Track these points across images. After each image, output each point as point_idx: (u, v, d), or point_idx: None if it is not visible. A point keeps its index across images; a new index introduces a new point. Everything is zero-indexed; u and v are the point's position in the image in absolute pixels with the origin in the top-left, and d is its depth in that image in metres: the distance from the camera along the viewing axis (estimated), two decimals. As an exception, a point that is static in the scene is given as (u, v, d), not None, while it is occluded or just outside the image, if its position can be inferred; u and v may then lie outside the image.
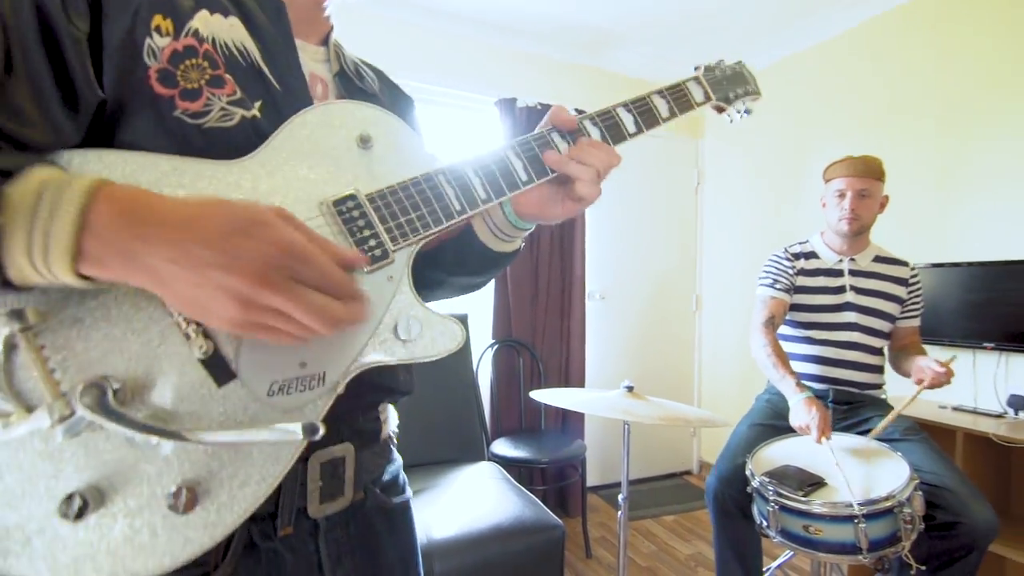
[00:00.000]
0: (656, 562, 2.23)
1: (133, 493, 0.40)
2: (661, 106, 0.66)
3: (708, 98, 0.72)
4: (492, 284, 2.62)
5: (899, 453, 1.36)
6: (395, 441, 0.66)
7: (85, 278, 0.36)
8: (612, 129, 0.63)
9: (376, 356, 0.48)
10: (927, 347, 2.01)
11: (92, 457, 0.39)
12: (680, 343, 3.23)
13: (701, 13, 2.49)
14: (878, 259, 1.73)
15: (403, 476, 0.66)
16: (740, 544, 1.51)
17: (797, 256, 1.77)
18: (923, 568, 1.37)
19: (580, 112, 0.64)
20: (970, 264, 1.97)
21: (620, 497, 1.53)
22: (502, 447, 2.21)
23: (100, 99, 0.42)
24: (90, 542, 0.39)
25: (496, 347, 2.54)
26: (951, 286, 2.01)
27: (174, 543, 0.40)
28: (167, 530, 0.40)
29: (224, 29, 0.48)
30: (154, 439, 0.39)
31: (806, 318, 1.73)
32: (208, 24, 0.47)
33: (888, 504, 1.20)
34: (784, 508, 1.28)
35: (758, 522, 1.36)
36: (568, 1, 2.38)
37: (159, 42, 0.44)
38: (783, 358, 1.61)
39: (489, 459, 2.12)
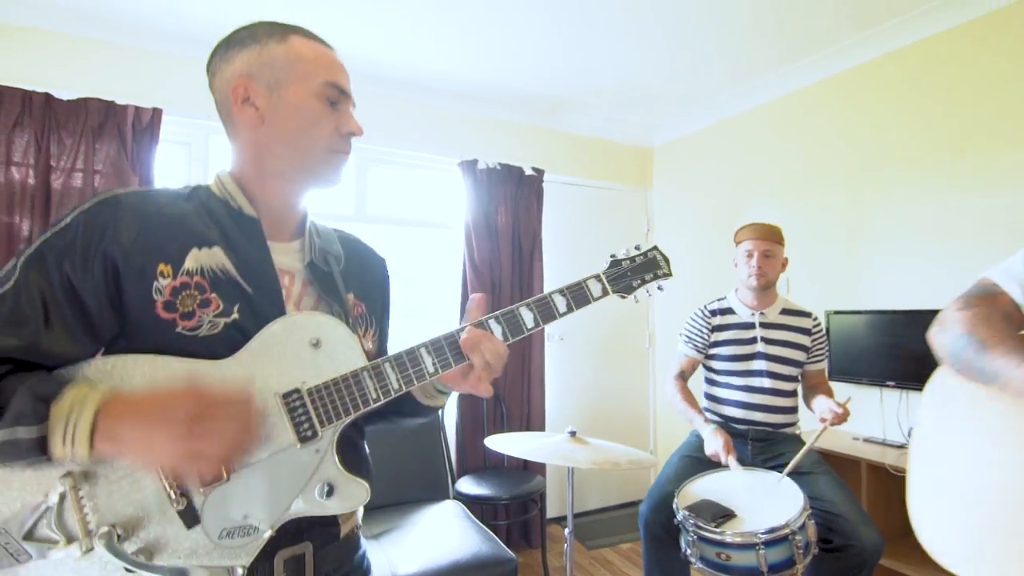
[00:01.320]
0: (610, 589, 2.41)
1: None
2: (560, 303, 0.78)
3: (606, 292, 0.82)
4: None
5: (797, 486, 1.59)
6: (360, 531, 0.83)
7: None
8: (512, 325, 0.76)
9: (300, 509, 0.66)
10: (843, 384, 2.29)
11: (102, 571, 0.59)
12: (635, 378, 3.47)
13: (641, 83, 2.80)
14: (785, 311, 2.00)
15: (368, 560, 0.84)
16: (668, 566, 1.71)
17: (714, 313, 2.03)
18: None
19: (538, 171, 0.84)
20: (874, 312, 2.25)
21: (566, 531, 1.72)
22: (466, 485, 2.38)
23: (115, 332, 0.65)
24: None
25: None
26: (860, 331, 2.29)
27: None
28: None
29: (207, 257, 0.68)
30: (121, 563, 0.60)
31: (725, 367, 1.98)
32: (196, 258, 0.67)
33: (783, 532, 1.42)
34: (701, 538, 1.49)
35: (683, 550, 1.57)
36: (525, 73, 2.65)
37: (162, 283, 0.64)
38: (691, 400, 1.90)
39: (454, 497, 2.29)
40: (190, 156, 2.37)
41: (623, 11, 2.10)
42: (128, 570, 0.59)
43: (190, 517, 0.61)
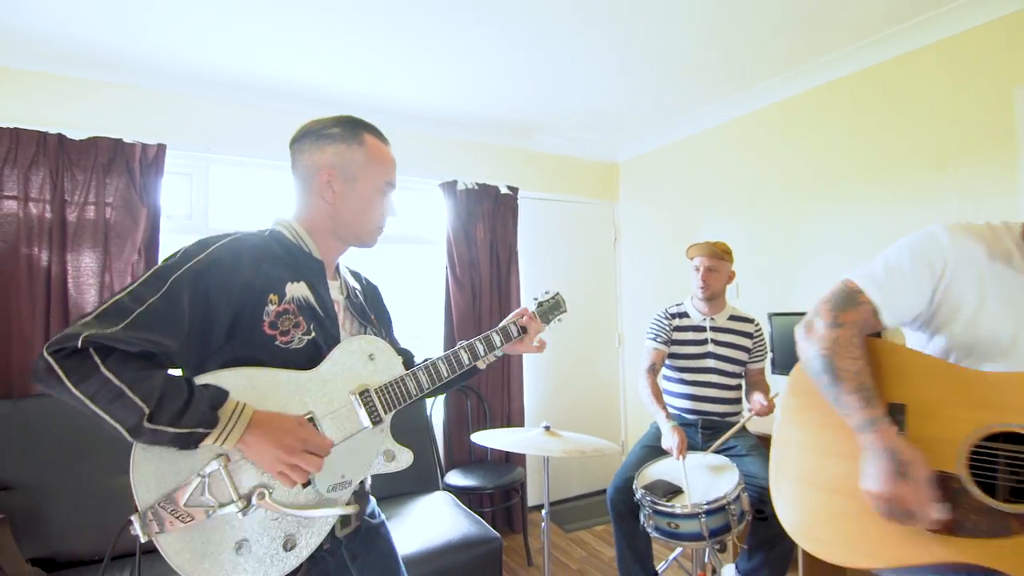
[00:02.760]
0: (585, 565, 2.70)
1: (266, 540, 0.86)
2: (513, 331, 1.27)
3: (519, 333, 1.29)
4: (441, 333, 3.07)
5: (735, 466, 1.89)
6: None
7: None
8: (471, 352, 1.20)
9: (374, 469, 1.01)
10: (783, 377, 2.61)
11: (251, 524, 0.85)
12: (606, 374, 3.77)
13: (604, 109, 3.08)
14: (732, 318, 2.30)
15: (377, 508, 1.13)
16: (631, 538, 2.00)
17: (673, 316, 2.33)
18: (745, 547, 1.91)
19: (513, 189, 1.16)
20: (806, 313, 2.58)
21: (543, 513, 2.00)
22: (454, 477, 2.64)
23: (220, 344, 0.88)
24: (248, 562, 0.85)
25: (447, 392, 2.98)
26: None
27: (283, 563, 0.87)
28: (281, 558, 0.87)
29: (297, 289, 0.94)
30: (285, 511, 0.86)
31: (680, 364, 2.28)
32: (291, 290, 0.93)
33: (721, 503, 1.72)
34: (655, 511, 1.78)
35: (642, 522, 1.86)
36: (498, 101, 2.90)
37: (270, 308, 0.90)
38: (659, 397, 2.16)
39: (443, 488, 2.55)
40: (192, 185, 2.57)
41: (584, 47, 2.36)
42: (271, 516, 0.87)
43: (305, 482, 0.90)
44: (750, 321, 2.31)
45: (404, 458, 1.04)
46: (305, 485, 0.89)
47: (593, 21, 2.12)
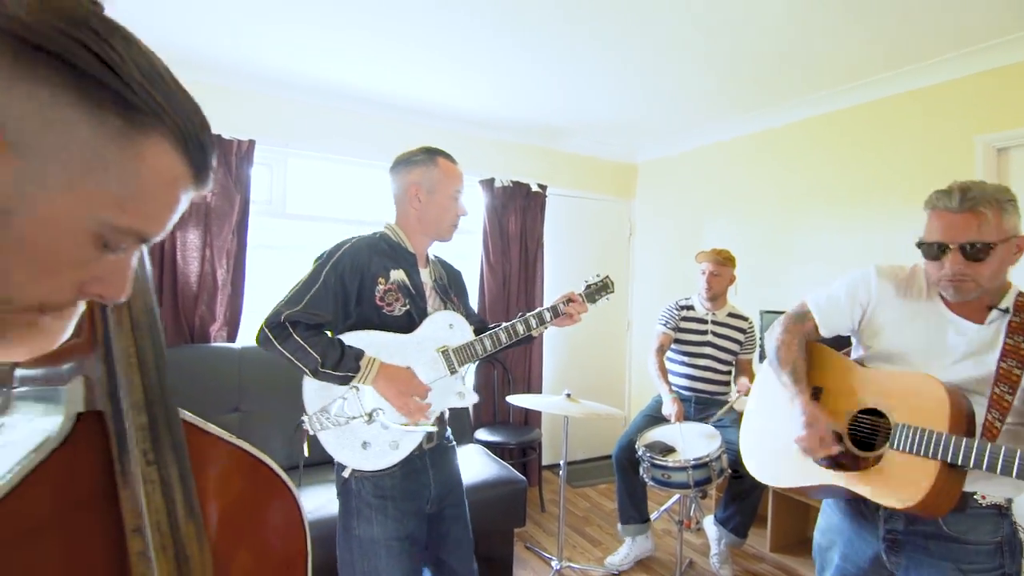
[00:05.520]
0: (589, 514, 3.20)
1: (381, 441, 1.32)
2: (546, 316, 1.58)
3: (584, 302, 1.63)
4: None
5: (720, 433, 2.34)
6: (469, 415, 1.61)
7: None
8: (525, 324, 1.55)
9: (451, 404, 1.45)
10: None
11: (371, 431, 1.32)
12: (615, 356, 4.22)
13: (624, 117, 3.44)
14: (730, 315, 2.73)
15: (451, 435, 1.56)
16: (631, 488, 2.48)
17: (681, 308, 2.76)
18: (721, 495, 2.38)
19: (542, 187, 1.61)
20: (794, 311, 2.99)
21: (561, 462, 2.47)
22: (483, 434, 3.12)
23: (349, 314, 1.34)
24: (369, 454, 1.31)
25: (477, 362, 3.44)
26: (784, 325, 3.03)
27: (389, 457, 1.33)
28: (388, 454, 1.33)
29: (398, 275, 1.38)
30: (391, 425, 1.32)
31: (683, 348, 2.71)
32: (394, 275, 1.38)
33: (704, 460, 2.18)
34: (652, 464, 2.24)
35: (640, 474, 2.33)
36: (530, 107, 3.26)
37: (379, 288, 1.35)
38: (664, 374, 2.62)
39: (474, 442, 3.03)
40: (272, 175, 2.99)
41: (606, 67, 2.69)
42: (383, 427, 1.32)
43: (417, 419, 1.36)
44: (745, 319, 2.73)
45: (470, 398, 1.48)
46: None
47: (612, 48, 2.46)
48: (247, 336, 2.80)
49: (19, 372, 0.63)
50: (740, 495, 2.41)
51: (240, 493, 0.67)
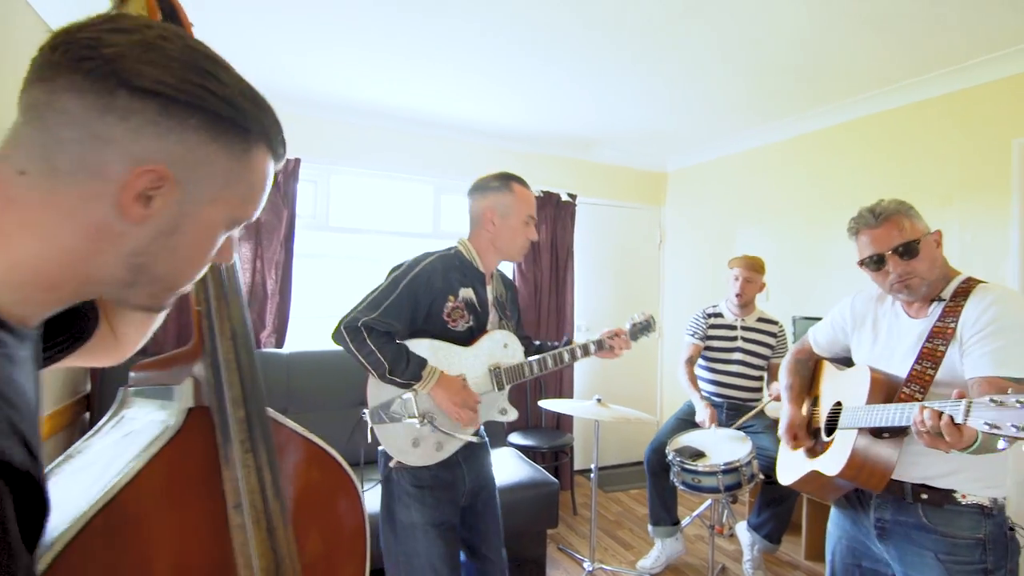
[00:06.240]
0: (621, 518, 3.24)
1: (429, 442, 1.43)
2: (591, 348, 1.66)
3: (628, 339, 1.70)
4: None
5: (750, 439, 2.36)
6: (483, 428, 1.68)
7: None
8: (571, 354, 1.63)
9: (492, 417, 1.54)
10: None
11: (422, 431, 1.43)
12: (646, 363, 4.25)
13: (651, 129, 3.49)
14: (760, 320, 2.74)
15: (484, 432, 1.64)
16: (662, 490, 2.53)
17: (709, 315, 2.79)
18: (754, 501, 2.39)
19: (572, 196, 1.78)
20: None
21: (592, 466, 2.53)
22: (516, 438, 3.20)
23: (418, 327, 1.45)
24: (418, 451, 1.43)
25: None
26: (817, 331, 3.02)
27: (434, 457, 1.44)
28: (433, 454, 1.44)
29: (465, 292, 1.49)
30: (440, 430, 1.43)
31: (713, 356, 2.74)
32: (463, 293, 1.49)
33: (734, 465, 2.20)
34: (683, 469, 2.28)
35: (671, 478, 2.37)
36: (560, 120, 3.35)
37: (448, 305, 1.46)
38: (694, 383, 2.67)
39: (507, 445, 3.12)
40: (316, 190, 3.17)
41: (636, 76, 2.74)
42: (432, 429, 1.43)
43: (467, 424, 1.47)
44: (775, 323, 2.74)
45: (511, 414, 1.58)
46: None
47: (640, 62, 2.52)
48: (294, 342, 2.97)
49: (132, 374, 0.76)
50: (773, 501, 2.42)
51: (312, 479, 0.78)
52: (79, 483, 0.62)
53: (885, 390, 1.25)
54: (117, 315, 0.71)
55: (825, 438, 1.41)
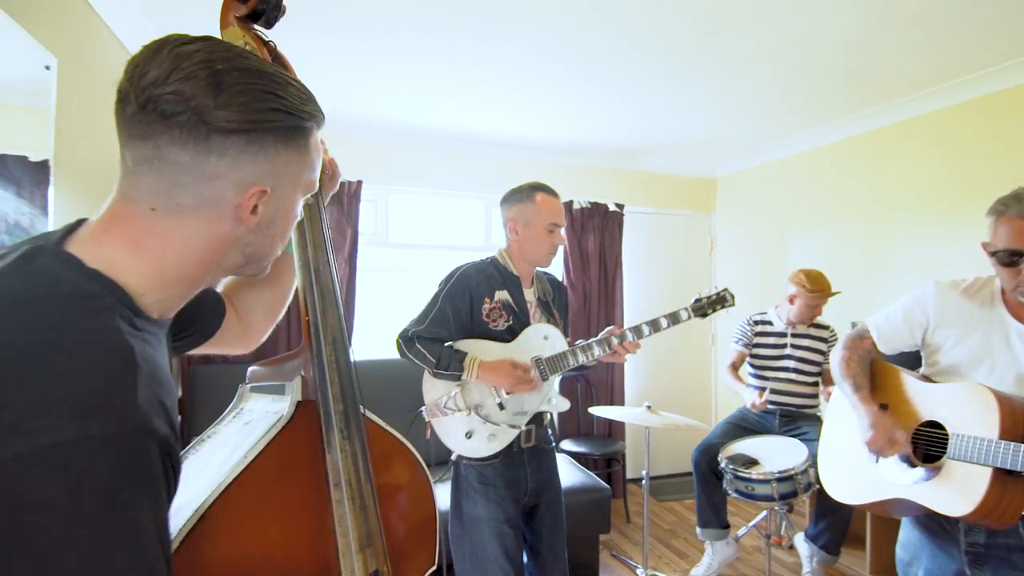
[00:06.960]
0: (675, 527, 3.23)
1: (481, 433, 1.55)
2: (663, 323, 1.63)
3: (690, 316, 1.66)
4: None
5: (805, 446, 2.34)
6: (555, 425, 1.78)
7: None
8: (636, 332, 1.66)
9: (542, 408, 1.63)
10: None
11: (474, 423, 1.55)
12: (700, 370, 4.21)
13: (698, 137, 3.51)
14: (811, 326, 2.71)
15: (551, 437, 1.75)
16: (710, 492, 2.54)
17: (756, 323, 2.78)
18: (811, 509, 2.36)
19: (619, 206, 2.20)
20: (889, 324, 2.89)
21: (644, 472, 2.57)
22: (568, 445, 3.27)
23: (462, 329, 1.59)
24: (471, 443, 1.55)
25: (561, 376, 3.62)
26: (878, 338, 2.94)
27: (486, 449, 1.55)
28: (486, 446, 1.55)
29: (501, 295, 1.61)
30: (487, 421, 1.55)
31: (761, 363, 2.73)
32: (499, 295, 1.61)
33: (789, 474, 2.19)
34: (736, 476, 2.29)
35: (724, 487, 2.37)
36: (606, 133, 3.43)
37: (486, 307, 1.59)
38: (737, 378, 2.71)
39: (559, 451, 3.19)
40: (376, 209, 3.39)
41: (680, 86, 2.79)
42: (483, 420, 1.54)
43: (501, 406, 1.57)
44: (826, 327, 2.70)
45: (559, 403, 1.65)
46: (502, 408, 1.56)
47: (683, 73, 2.58)
48: (359, 351, 3.17)
49: (250, 370, 0.91)
50: (830, 510, 2.37)
51: (393, 467, 0.91)
52: (212, 462, 0.77)
53: (1022, 423, 1.10)
54: (245, 305, 0.87)
55: (917, 462, 1.26)
